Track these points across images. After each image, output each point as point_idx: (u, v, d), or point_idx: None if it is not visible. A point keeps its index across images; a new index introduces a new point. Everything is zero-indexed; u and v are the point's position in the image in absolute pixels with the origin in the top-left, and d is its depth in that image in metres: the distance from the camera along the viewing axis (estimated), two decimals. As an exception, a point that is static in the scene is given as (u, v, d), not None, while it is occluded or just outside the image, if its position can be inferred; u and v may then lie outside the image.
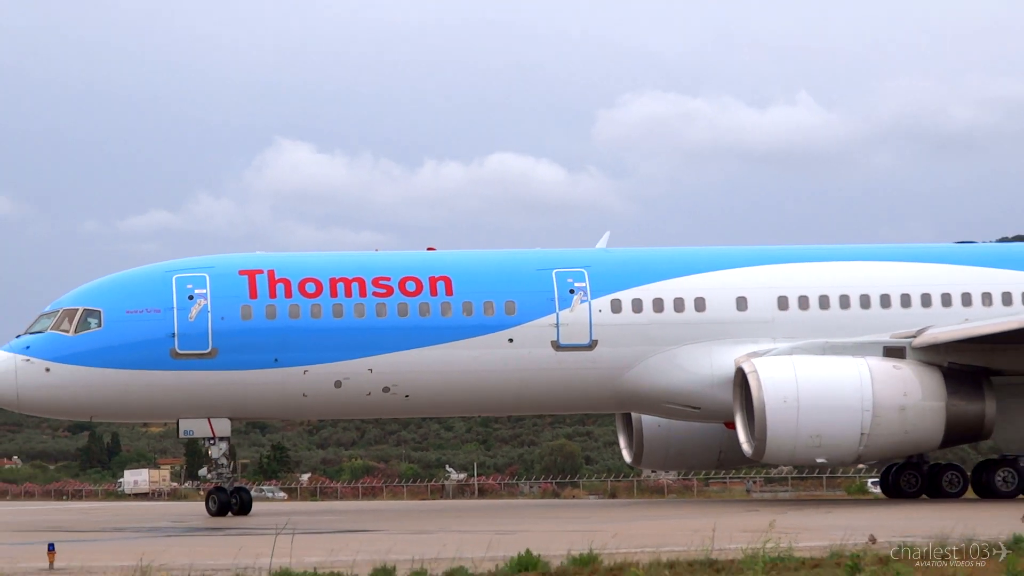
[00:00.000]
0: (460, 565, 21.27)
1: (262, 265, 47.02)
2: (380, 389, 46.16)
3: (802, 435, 42.06)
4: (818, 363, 43.68)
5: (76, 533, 37.06)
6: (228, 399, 46.07)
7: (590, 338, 45.90)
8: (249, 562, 20.98)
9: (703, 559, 21.27)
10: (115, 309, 45.61)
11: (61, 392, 45.83)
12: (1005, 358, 44.48)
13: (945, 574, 11.92)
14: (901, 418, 42.35)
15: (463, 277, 46.84)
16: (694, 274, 47.32)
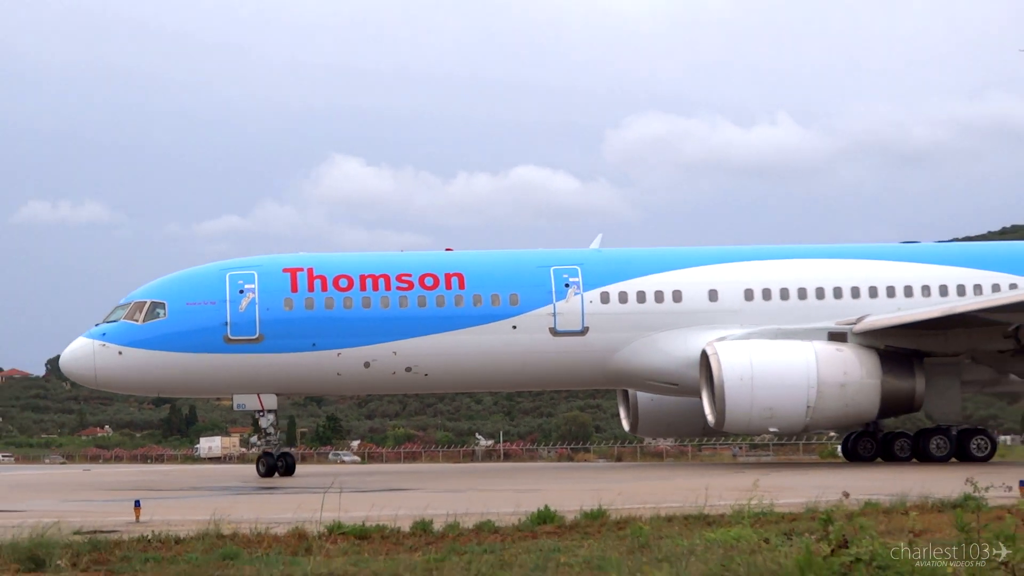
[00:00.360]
0: (488, 519, 21.20)
1: (302, 264, 47.78)
2: (403, 369, 46.87)
3: (756, 408, 42.46)
4: (771, 346, 43.84)
5: (158, 492, 37.08)
6: (273, 378, 46.83)
7: (582, 325, 46.43)
8: (306, 516, 20.95)
9: (697, 514, 21.20)
10: (177, 301, 46.55)
11: (131, 372, 46.81)
12: (933, 342, 44.77)
13: (904, 526, 11.84)
14: (842, 393, 42.69)
15: (474, 273, 47.48)
16: (672, 270, 47.84)
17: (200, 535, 19.53)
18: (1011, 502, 16.90)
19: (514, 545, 18.42)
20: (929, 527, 17.12)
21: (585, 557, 16.35)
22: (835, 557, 10.36)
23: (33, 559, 16.96)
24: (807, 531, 13.45)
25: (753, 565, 11.52)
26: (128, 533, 20.45)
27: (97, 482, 47.90)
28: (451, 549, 17.77)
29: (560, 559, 16.39)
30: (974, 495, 12.71)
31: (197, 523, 20.80)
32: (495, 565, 15.46)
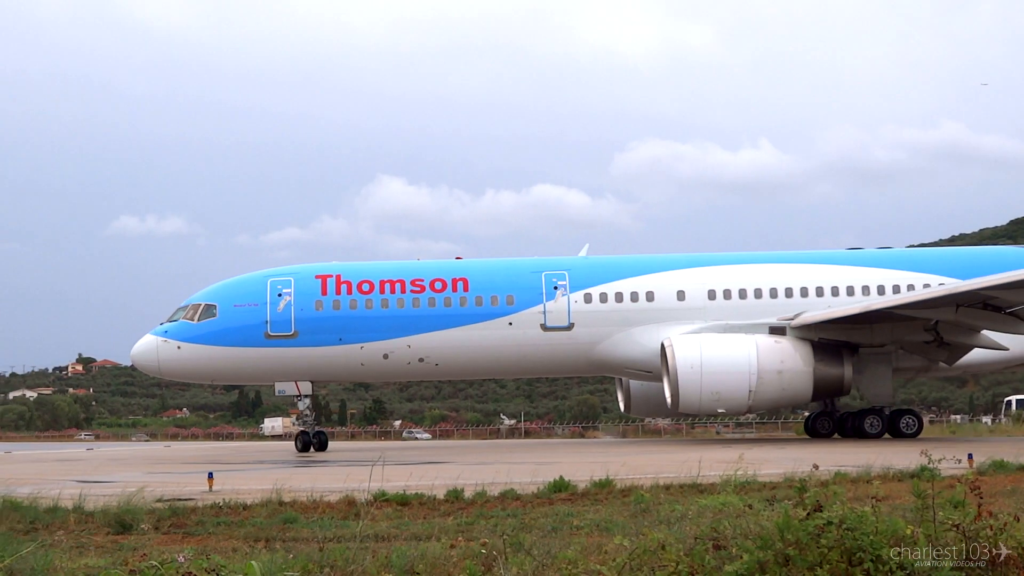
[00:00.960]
0: (511, 488, 21.20)
1: (332, 271, 49.16)
2: (417, 360, 48.24)
3: (705, 392, 43.18)
4: (718, 339, 44.37)
5: (229, 465, 37.10)
6: (306, 368, 48.36)
7: (568, 321, 47.56)
8: (355, 486, 20.95)
9: (691, 483, 21.15)
10: (226, 303, 48.27)
11: (188, 363, 48.56)
12: (860, 335, 44.95)
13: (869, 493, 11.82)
14: (779, 379, 43.15)
15: (477, 278, 48.66)
16: (646, 274, 48.64)
17: (264, 502, 19.58)
18: (961, 472, 16.80)
19: (533, 510, 18.42)
20: (890, 494, 17.05)
21: (594, 520, 16.33)
22: (810, 520, 10.32)
23: (121, 523, 16.99)
24: (785, 498, 13.41)
25: (739, 527, 11.48)
26: (202, 500, 20.49)
27: (176, 457, 48.02)
28: (479, 514, 17.78)
29: (573, 522, 16.37)
30: (929, 466, 12.65)
31: (262, 492, 20.83)
32: (517, 527, 15.43)
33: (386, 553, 12.56)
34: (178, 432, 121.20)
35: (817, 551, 10.05)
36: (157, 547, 14.51)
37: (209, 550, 13.74)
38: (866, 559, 9.94)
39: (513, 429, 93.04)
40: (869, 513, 10.35)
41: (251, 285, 48.92)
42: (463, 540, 13.63)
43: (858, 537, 10.06)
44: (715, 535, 11.39)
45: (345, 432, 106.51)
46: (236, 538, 15.74)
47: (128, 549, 14.60)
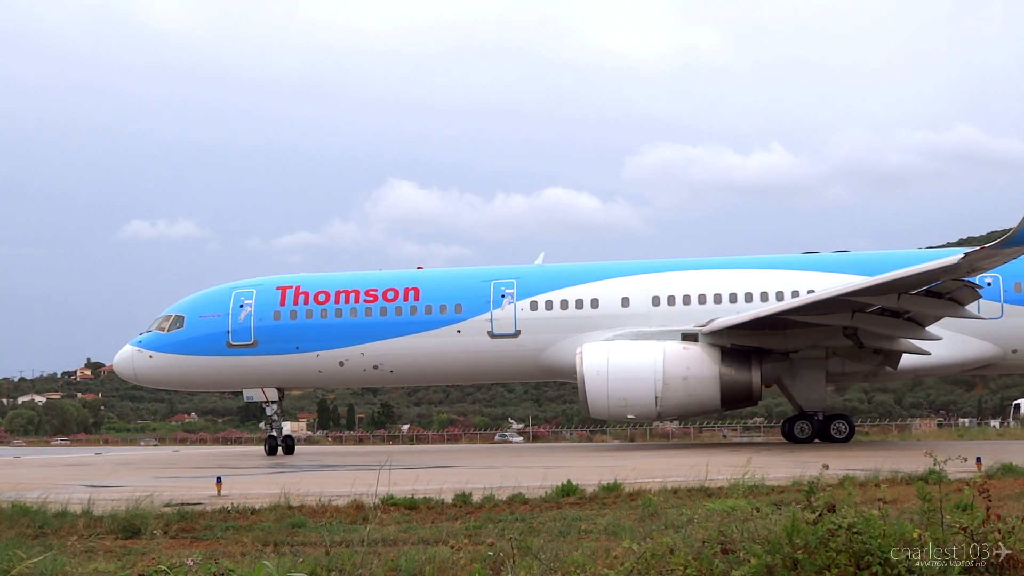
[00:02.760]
0: (519, 492, 21.22)
1: (292, 283, 51.25)
2: (371, 367, 49.76)
3: (612, 398, 43.40)
4: (628, 347, 44.59)
5: (237, 469, 37.16)
6: (267, 375, 50.20)
7: (515, 328, 48.20)
8: (362, 490, 20.97)
9: (698, 487, 21.18)
10: (193, 315, 50.74)
11: (159, 371, 51.31)
12: (772, 340, 44.73)
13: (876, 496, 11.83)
14: (685, 385, 43.17)
15: (428, 287, 49.99)
16: (591, 282, 48.86)
17: (272, 506, 19.61)
18: (970, 476, 16.80)
19: (542, 514, 18.43)
20: (898, 498, 17.06)
21: (603, 524, 16.34)
22: (818, 524, 10.32)
23: (130, 527, 17.03)
24: (794, 501, 13.40)
25: (747, 531, 11.48)
26: (211, 505, 20.53)
27: (184, 461, 48.10)
28: (487, 518, 17.79)
29: (581, 526, 16.38)
30: (936, 470, 12.63)
31: (270, 496, 20.88)
32: (525, 531, 15.45)
33: (394, 557, 12.59)
34: (186, 437, 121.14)
35: (825, 555, 10.05)
36: (166, 551, 14.53)
37: (217, 554, 13.76)
38: (874, 562, 9.94)
39: (521, 433, 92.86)
40: (877, 516, 10.35)
41: (216, 297, 51.32)
42: (471, 544, 13.64)
43: (866, 540, 10.06)
44: (723, 539, 11.39)
45: (353, 436, 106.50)
46: (244, 542, 15.76)
47: (137, 554, 14.63)
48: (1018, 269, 45.45)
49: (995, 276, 45.26)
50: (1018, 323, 45.56)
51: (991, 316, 45.20)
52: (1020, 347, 45.98)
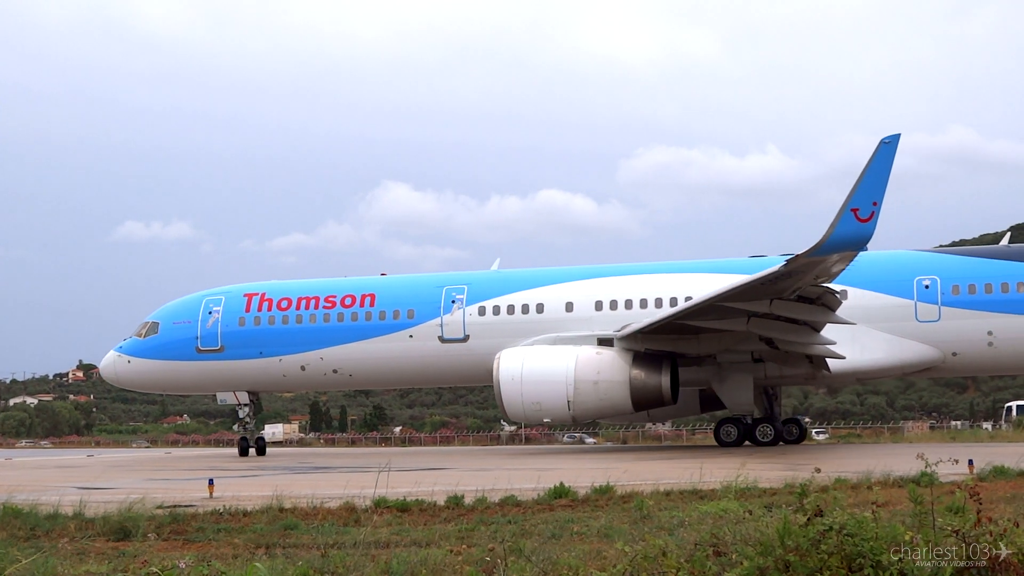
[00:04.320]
0: (511, 494, 21.24)
1: (258, 290, 53.53)
2: (331, 371, 51.80)
3: (527, 402, 43.89)
4: (542, 352, 45.05)
5: (229, 471, 37.15)
6: (235, 379, 52.51)
7: (464, 333, 49.36)
8: (355, 492, 20.97)
9: (691, 489, 21.21)
10: (167, 321, 53.35)
11: (136, 375, 54.33)
12: (686, 344, 44.95)
13: (868, 499, 11.88)
14: (595, 389, 43.38)
15: (383, 294, 51.58)
16: (538, 287, 49.79)
17: (265, 509, 19.59)
18: (962, 478, 16.84)
19: (534, 516, 18.44)
20: (890, 500, 17.08)
21: (595, 527, 16.34)
22: (810, 526, 10.34)
23: (122, 530, 17.01)
24: (786, 504, 13.42)
25: (739, 533, 11.51)
26: (203, 507, 20.52)
27: (177, 463, 48.12)
28: (480, 520, 17.80)
29: (574, 528, 16.39)
30: (928, 472, 12.66)
31: (262, 498, 20.86)
32: (517, 534, 15.46)
33: (386, 559, 12.58)
34: (178, 439, 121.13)
35: (817, 557, 10.08)
36: (158, 554, 14.52)
37: (210, 557, 13.77)
38: (866, 565, 9.96)
39: (514, 435, 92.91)
40: (869, 519, 10.37)
41: (188, 304, 53.79)
42: (464, 547, 13.64)
43: (858, 543, 10.08)
44: (715, 541, 11.41)
45: (346, 438, 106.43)
46: (237, 544, 15.75)
47: (129, 556, 14.62)
48: (956, 271, 45.84)
49: (933, 279, 45.81)
50: (956, 325, 45.50)
51: (928, 319, 45.49)
52: (960, 350, 45.92)
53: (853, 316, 44.47)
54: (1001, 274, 45.53)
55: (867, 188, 35.92)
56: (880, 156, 36.06)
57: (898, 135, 36.30)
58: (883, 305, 46.07)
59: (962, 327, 45.38)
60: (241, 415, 54.53)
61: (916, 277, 45.95)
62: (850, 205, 35.84)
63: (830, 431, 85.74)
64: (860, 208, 35.85)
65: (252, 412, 54.55)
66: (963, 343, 45.69)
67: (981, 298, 45.27)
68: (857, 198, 35.85)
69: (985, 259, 46.69)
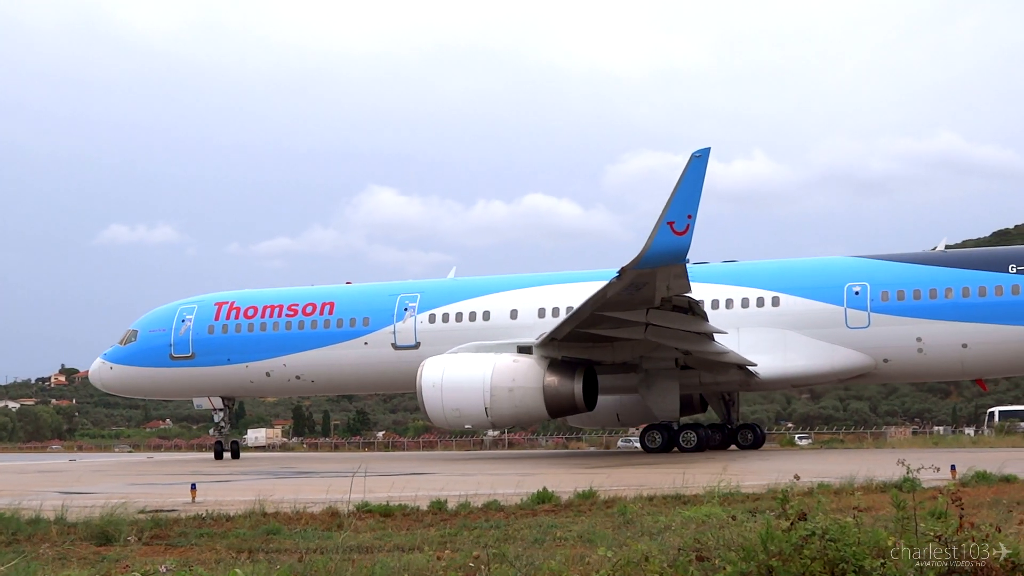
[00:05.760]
0: (495, 499, 21.21)
1: (228, 299, 55.65)
2: (294, 377, 53.69)
3: (447, 408, 44.28)
4: (462, 360, 45.41)
5: (211, 476, 37.07)
6: (207, 385, 55.09)
7: (415, 340, 51.01)
8: (337, 497, 20.94)
9: (674, 495, 21.19)
10: (145, 329, 56.04)
11: (118, 381, 57.11)
12: (601, 352, 45.24)
13: (851, 504, 11.92)
14: (510, 396, 43.66)
15: (342, 302, 53.57)
16: (486, 295, 51.07)
17: (247, 513, 19.57)
18: (944, 484, 16.87)
19: (517, 521, 18.42)
20: (873, 505, 17.09)
21: (578, 532, 16.34)
22: (792, 531, 10.35)
23: (104, 534, 16.96)
24: (768, 509, 13.45)
25: (722, 538, 11.52)
26: (185, 512, 20.47)
27: (159, 468, 48.03)
28: (463, 525, 17.77)
29: (557, 533, 16.37)
30: (910, 477, 12.70)
31: (244, 503, 20.84)
32: (500, 539, 15.45)
33: (369, 564, 12.56)
34: (161, 443, 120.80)
35: (800, 562, 10.09)
36: (140, 558, 14.49)
37: (192, 561, 13.73)
38: (848, 570, 9.98)
39: (497, 440, 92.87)
40: (851, 524, 10.39)
41: (164, 313, 56.26)
42: (447, 552, 13.63)
43: (840, 548, 10.10)
44: (698, 546, 11.42)
45: (328, 443, 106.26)
46: (219, 549, 15.71)
47: (111, 561, 14.58)
48: (886, 278, 46.03)
49: (863, 285, 46.20)
50: (886, 332, 45.78)
51: (858, 325, 45.85)
52: (891, 356, 46.23)
53: (785, 323, 46.00)
54: (931, 280, 45.82)
55: (681, 202, 36.10)
56: (692, 170, 36.20)
57: (708, 149, 36.49)
58: (814, 311, 46.56)
59: (892, 334, 45.75)
60: (216, 420, 56.96)
61: (847, 283, 46.40)
62: (666, 219, 36.10)
63: (813, 436, 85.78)
64: (676, 221, 36.13)
65: (227, 417, 57.10)
66: (893, 350, 46.03)
67: (910, 304, 45.60)
68: (672, 212, 36.06)
69: (916, 265, 46.81)
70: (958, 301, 45.16)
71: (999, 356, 45.45)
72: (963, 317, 44.93)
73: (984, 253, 49.30)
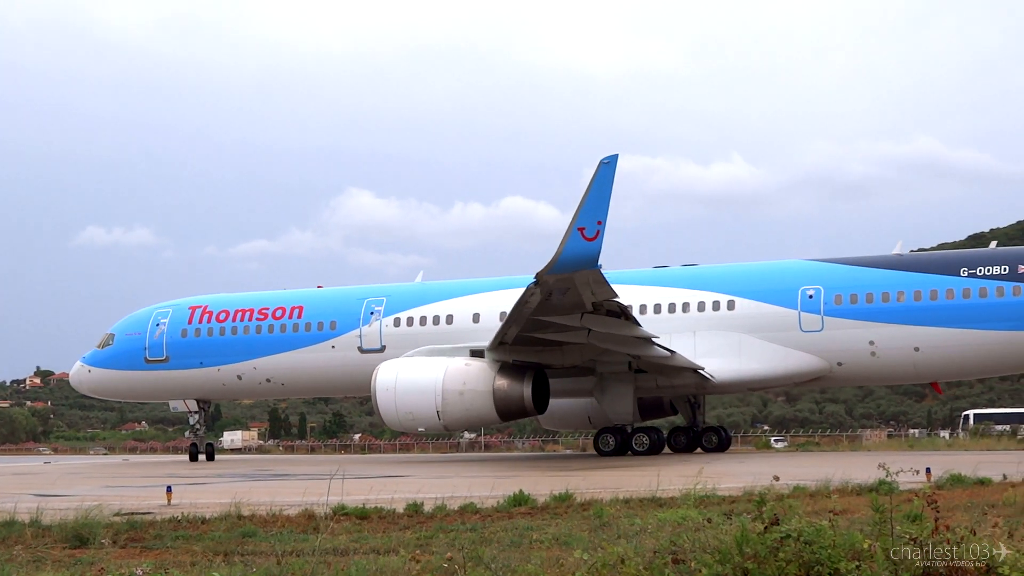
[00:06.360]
0: (471, 501, 21.21)
1: (202, 303, 56.48)
2: (264, 380, 54.53)
3: (400, 411, 44.76)
4: (416, 364, 45.94)
5: (187, 478, 36.98)
6: (179, 388, 55.89)
7: (381, 344, 51.31)
8: (314, 499, 20.92)
9: (650, 497, 21.21)
10: (121, 333, 56.88)
11: (96, 384, 58.08)
12: (551, 356, 45.37)
13: (827, 507, 11.96)
14: (461, 399, 44.08)
15: (311, 306, 54.03)
16: (450, 299, 51.53)
17: (223, 516, 19.53)
18: (919, 487, 16.94)
19: (493, 524, 18.43)
20: (848, 508, 17.15)
21: (554, 534, 16.34)
22: (768, 534, 10.37)
23: (79, 537, 16.91)
24: (744, 512, 13.44)
25: (698, 541, 11.51)
26: (161, 514, 20.41)
27: (134, 470, 47.92)
28: (439, 528, 17.77)
29: (533, 536, 16.38)
30: (887, 480, 12.72)
31: (220, 505, 20.79)
32: (477, 541, 15.44)
33: (345, 567, 12.54)
34: (136, 446, 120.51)
35: (775, 564, 10.10)
36: (115, 561, 14.44)
37: (167, 564, 13.70)
38: (824, 572, 10.00)
39: (473, 443, 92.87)
40: (827, 527, 10.40)
41: (140, 317, 57.11)
42: (423, 554, 13.61)
43: (816, 551, 10.11)
44: (674, 549, 11.42)
45: (305, 446, 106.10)
46: (195, 552, 15.67)
47: (85, 563, 14.53)
48: (839, 281, 46.26)
49: (817, 288, 46.44)
50: (840, 335, 45.99)
51: (812, 329, 46.07)
52: (845, 359, 46.42)
53: (740, 327, 46.33)
54: (884, 284, 46.04)
55: (591, 208, 36.43)
56: (601, 177, 36.66)
57: (616, 155, 36.98)
58: (769, 315, 46.83)
59: (845, 337, 45.99)
60: (191, 422, 57.74)
61: (801, 287, 46.58)
62: (576, 225, 36.38)
63: (789, 439, 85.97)
64: (586, 227, 36.43)
65: (202, 419, 57.44)
66: (846, 353, 46.26)
67: (863, 308, 45.85)
68: (582, 218, 36.38)
69: (869, 268, 47.02)
70: (910, 305, 45.37)
71: (951, 359, 45.68)
72: (915, 321, 45.17)
73: (937, 257, 49.66)
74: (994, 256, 45.72)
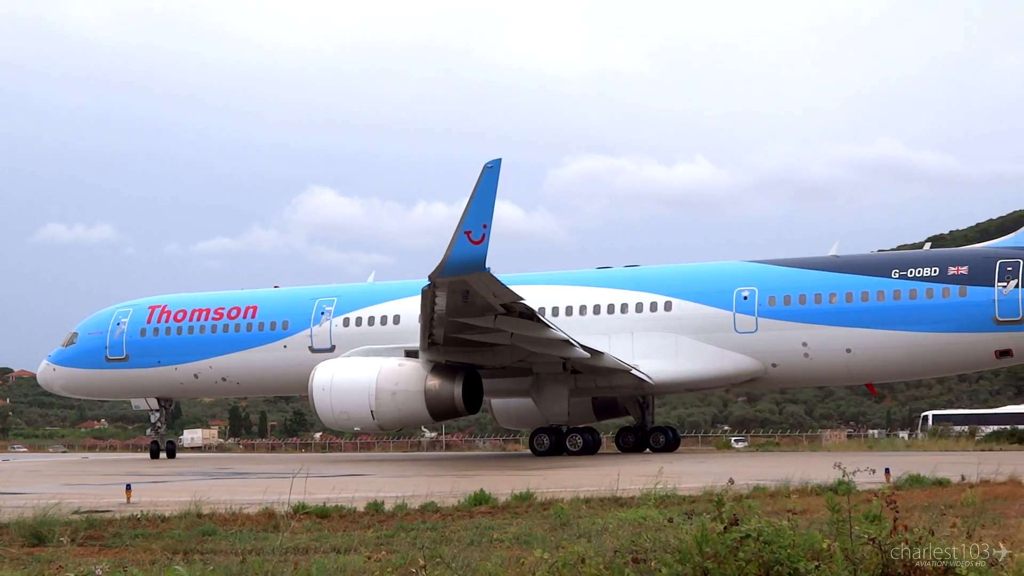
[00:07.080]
0: (431, 500, 21.21)
1: (161, 303, 57.29)
2: (220, 379, 55.13)
3: (336, 411, 45.23)
4: (352, 364, 46.25)
5: (147, 476, 36.85)
6: (139, 386, 56.84)
7: (331, 344, 51.83)
8: (274, 498, 20.86)
9: (610, 497, 21.25)
10: (84, 332, 57.69)
11: (60, 381, 58.88)
12: (482, 357, 45.55)
13: (786, 507, 12.01)
14: (393, 399, 44.44)
15: (264, 306, 54.70)
16: (398, 299, 51.84)
17: (182, 514, 19.47)
18: (878, 487, 17.01)
19: (454, 523, 18.42)
20: (808, 508, 17.20)
21: (515, 533, 16.35)
22: (727, 534, 10.40)
23: (37, 535, 16.82)
24: (704, 511, 13.48)
25: (658, 541, 11.54)
26: (120, 512, 20.33)
27: (94, 468, 47.69)
28: (400, 527, 17.76)
29: (493, 535, 16.38)
30: (845, 481, 12.77)
31: (180, 504, 20.73)
32: (437, 540, 15.43)
33: (306, 566, 12.52)
34: (96, 443, 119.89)
35: (735, 564, 10.13)
36: (73, 560, 14.36)
37: (126, 563, 13.63)
38: (783, 572, 10.03)
39: (434, 442, 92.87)
40: (786, 527, 10.44)
41: (102, 316, 57.89)
42: (384, 553, 13.59)
43: (775, 551, 10.15)
44: (634, 549, 11.44)
45: (265, 444, 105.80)
46: (154, 550, 15.59)
47: (43, 562, 14.44)
48: (774, 283, 46.50)
49: (752, 290, 46.80)
50: (773, 336, 46.31)
51: (746, 330, 46.40)
52: (779, 360, 46.73)
53: (677, 328, 46.74)
54: (817, 285, 46.31)
55: (477, 212, 36.66)
56: (485, 180, 36.88)
57: (499, 159, 37.33)
58: (705, 316, 47.13)
59: (779, 338, 46.28)
60: (153, 420, 58.56)
61: (736, 288, 46.86)
62: (463, 229, 36.55)
63: (749, 439, 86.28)
64: (472, 231, 36.61)
65: (163, 417, 58.24)
66: (780, 354, 46.56)
67: (796, 309, 46.15)
68: (469, 222, 36.58)
69: (804, 270, 47.29)
70: (842, 306, 45.64)
71: (882, 361, 45.96)
72: (847, 322, 45.48)
73: (869, 259, 49.72)
74: (924, 258, 45.95)
